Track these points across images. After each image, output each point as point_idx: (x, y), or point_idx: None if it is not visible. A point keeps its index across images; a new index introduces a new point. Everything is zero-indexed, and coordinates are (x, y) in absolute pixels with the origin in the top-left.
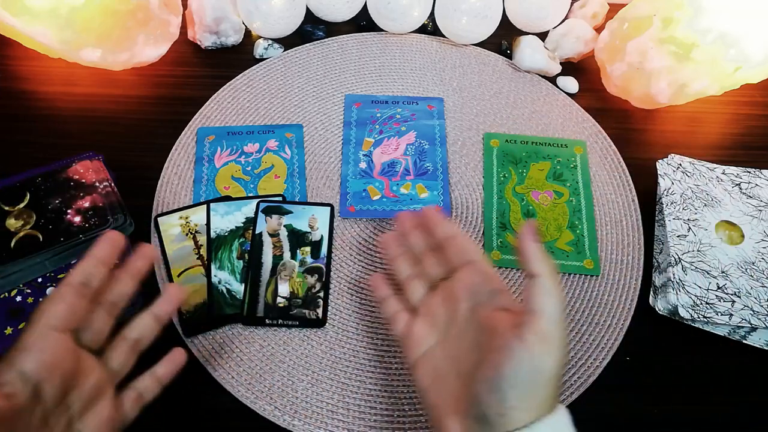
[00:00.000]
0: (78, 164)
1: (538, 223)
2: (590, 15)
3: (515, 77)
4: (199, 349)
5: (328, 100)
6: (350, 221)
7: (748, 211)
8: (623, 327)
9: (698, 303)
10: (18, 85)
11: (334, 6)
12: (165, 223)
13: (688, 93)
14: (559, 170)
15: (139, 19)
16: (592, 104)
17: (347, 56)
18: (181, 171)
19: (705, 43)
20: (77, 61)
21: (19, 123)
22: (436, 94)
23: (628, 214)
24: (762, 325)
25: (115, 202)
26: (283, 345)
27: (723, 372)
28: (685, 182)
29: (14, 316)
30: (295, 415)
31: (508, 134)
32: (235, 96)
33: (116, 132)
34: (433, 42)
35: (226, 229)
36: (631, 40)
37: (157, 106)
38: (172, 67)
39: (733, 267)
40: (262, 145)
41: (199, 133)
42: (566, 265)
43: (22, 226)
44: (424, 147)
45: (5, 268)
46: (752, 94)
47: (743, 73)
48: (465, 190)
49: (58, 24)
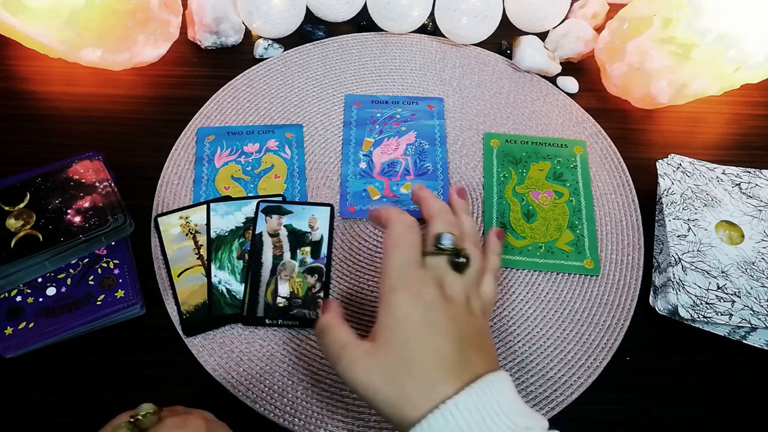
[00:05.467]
0: (78, 164)
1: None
2: (590, 15)
3: (515, 77)
4: (199, 349)
5: (328, 100)
6: (350, 221)
7: (748, 211)
8: (623, 327)
9: (698, 303)
10: (18, 85)
11: (334, 6)
12: (165, 223)
13: (688, 93)
14: (559, 170)
15: (139, 19)
16: (592, 104)
17: (347, 56)
18: (181, 171)
19: (705, 43)
20: (77, 61)
21: (19, 123)
22: (436, 94)
23: (628, 214)
24: (762, 325)
25: (115, 202)
26: (283, 345)
27: (723, 372)
28: (685, 182)
29: (14, 316)
30: (295, 415)
31: (508, 134)
32: (235, 96)
33: (116, 132)
34: (433, 42)
35: (226, 229)
36: (631, 40)
37: (157, 106)
38: (172, 67)
39: (733, 267)
40: (262, 145)
41: (199, 133)
42: (566, 265)
43: (22, 226)
44: (424, 147)
45: (5, 268)
46: (752, 94)
47: (743, 73)
48: (465, 190)
49: (58, 24)
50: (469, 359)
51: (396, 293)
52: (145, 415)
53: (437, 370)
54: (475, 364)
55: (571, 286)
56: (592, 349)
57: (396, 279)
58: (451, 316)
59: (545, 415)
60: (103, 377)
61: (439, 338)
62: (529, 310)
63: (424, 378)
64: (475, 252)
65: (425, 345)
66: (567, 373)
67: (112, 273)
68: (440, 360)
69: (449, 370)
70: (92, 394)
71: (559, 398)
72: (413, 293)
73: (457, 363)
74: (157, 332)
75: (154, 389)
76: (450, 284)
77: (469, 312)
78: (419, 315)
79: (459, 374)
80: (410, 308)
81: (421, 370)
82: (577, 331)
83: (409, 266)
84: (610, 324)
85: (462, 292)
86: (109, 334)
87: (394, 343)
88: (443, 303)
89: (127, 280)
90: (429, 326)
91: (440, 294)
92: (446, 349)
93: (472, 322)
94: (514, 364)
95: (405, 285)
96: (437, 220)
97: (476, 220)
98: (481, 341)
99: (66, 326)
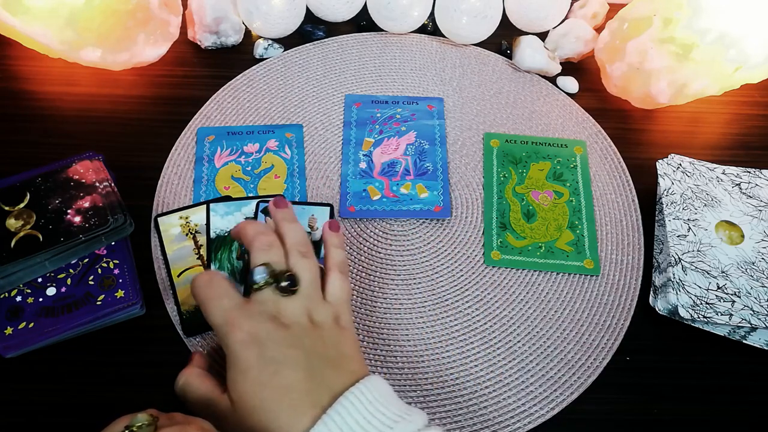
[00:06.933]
0: (78, 164)
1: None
2: (590, 15)
3: (515, 77)
4: (199, 349)
5: (328, 100)
6: (350, 221)
7: (748, 211)
8: (623, 327)
9: (698, 303)
10: (18, 85)
11: (334, 6)
12: (165, 223)
13: (688, 93)
14: (559, 170)
15: (139, 19)
16: (592, 104)
17: (347, 56)
18: (181, 171)
19: (705, 43)
20: (77, 61)
21: (19, 123)
22: (436, 94)
23: (628, 214)
24: (762, 325)
25: (115, 202)
26: None
27: (723, 372)
28: (685, 182)
29: (14, 316)
30: None
31: (508, 134)
32: (235, 96)
33: (116, 132)
34: (433, 42)
35: (226, 230)
36: (631, 40)
37: (157, 106)
38: (172, 67)
39: (733, 267)
40: (262, 145)
41: (199, 133)
42: (566, 265)
43: (22, 226)
44: (424, 147)
45: (5, 268)
46: (752, 94)
47: (743, 73)
48: (465, 190)
49: (58, 24)
50: (323, 380)
51: (229, 340)
52: (140, 426)
53: (291, 408)
54: (333, 382)
55: (571, 286)
56: (592, 349)
57: (224, 330)
58: (291, 344)
59: (545, 415)
60: (103, 377)
61: (284, 373)
62: (529, 310)
63: (282, 419)
64: (303, 263)
65: (272, 387)
66: (567, 373)
67: (112, 273)
68: (291, 396)
69: (303, 402)
70: (92, 394)
71: (559, 398)
72: (246, 337)
73: (309, 391)
74: (157, 332)
75: (154, 389)
76: (284, 310)
77: (313, 329)
78: (256, 357)
79: (316, 401)
80: (247, 354)
81: (277, 413)
82: (577, 331)
83: (231, 314)
84: (610, 324)
85: (301, 313)
86: (109, 334)
87: (244, 397)
88: (280, 333)
89: (127, 280)
90: (269, 365)
91: (275, 326)
92: (294, 381)
93: (320, 339)
94: (514, 364)
95: (235, 332)
96: (253, 250)
97: (476, 220)
98: (338, 354)
99: (66, 326)
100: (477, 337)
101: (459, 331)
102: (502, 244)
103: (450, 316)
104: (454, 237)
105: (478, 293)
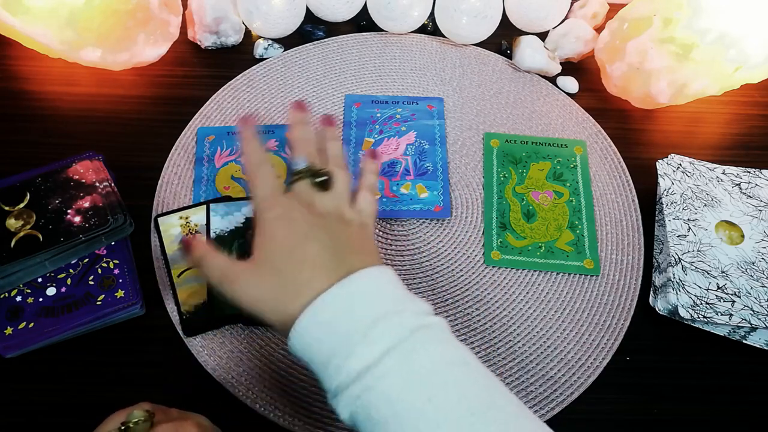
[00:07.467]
0: (78, 164)
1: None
2: (590, 15)
3: (515, 77)
4: (199, 349)
5: (328, 100)
6: None
7: (748, 211)
8: (623, 327)
9: (698, 303)
10: (18, 85)
11: (334, 6)
12: (165, 223)
13: (688, 93)
14: (559, 170)
15: (139, 19)
16: (592, 104)
17: (347, 56)
18: (181, 171)
19: (705, 43)
20: (77, 61)
21: (19, 123)
22: (436, 94)
23: (628, 214)
24: (762, 325)
25: (115, 202)
26: (283, 345)
27: (723, 372)
28: (685, 182)
29: (14, 316)
30: (295, 416)
31: (508, 134)
32: (235, 96)
33: (116, 132)
34: (433, 42)
35: (226, 230)
36: (631, 40)
37: (157, 106)
38: (172, 67)
39: (733, 267)
40: None
41: (199, 133)
42: (566, 265)
43: (22, 226)
44: (424, 147)
45: (5, 268)
46: (752, 94)
47: (743, 73)
48: (465, 190)
49: (58, 24)
50: (344, 260)
51: (265, 215)
52: (137, 423)
53: (309, 271)
54: (352, 263)
55: (571, 286)
56: (592, 349)
57: (263, 204)
58: (321, 226)
59: (544, 415)
60: (103, 377)
61: (310, 245)
62: (529, 310)
63: (297, 280)
64: (339, 172)
65: (296, 252)
66: (567, 373)
67: (112, 273)
68: (312, 262)
69: (321, 270)
70: (92, 394)
71: (559, 398)
72: (281, 212)
73: (330, 263)
74: (157, 332)
75: (154, 389)
76: (319, 202)
77: (342, 223)
78: (288, 229)
79: (333, 271)
80: (279, 224)
81: (294, 274)
82: (577, 331)
83: (273, 194)
84: (610, 324)
85: (333, 207)
86: (109, 334)
87: (267, 257)
88: (312, 217)
89: (127, 280)
90: (299, 237)
91: (309, 211)
92: (318, 253)
93: (346, 231)
94: (514, 364)
95: (272, 208)
96: (295, 150)
97: (476, 220)
98: (362, 246)
99: (66, 326)
100: (477, 337)
101: (459, 331)
102: (502, 244)
103: (450, 316)
104: (454, 237)
105: (478, 293)
